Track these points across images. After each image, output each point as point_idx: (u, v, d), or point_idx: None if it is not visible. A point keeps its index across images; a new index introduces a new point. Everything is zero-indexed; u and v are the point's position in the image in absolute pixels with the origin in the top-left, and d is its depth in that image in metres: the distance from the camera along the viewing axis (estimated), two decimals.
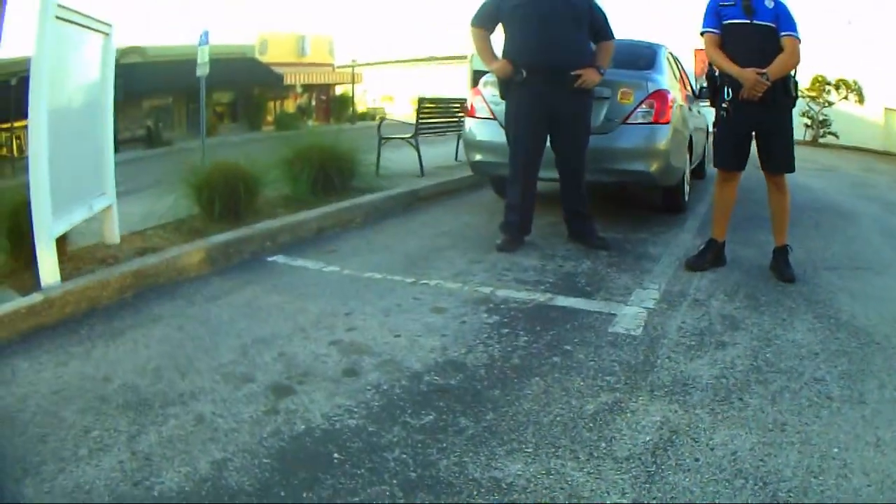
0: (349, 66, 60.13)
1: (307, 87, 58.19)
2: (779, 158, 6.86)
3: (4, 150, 33.00)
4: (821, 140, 40.72)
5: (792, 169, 6.95)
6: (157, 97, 42.63)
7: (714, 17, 6.72)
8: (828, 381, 4.53)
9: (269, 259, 7.43)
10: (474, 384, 4.41)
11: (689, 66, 45.58)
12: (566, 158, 7.75)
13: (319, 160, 10.34)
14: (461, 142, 10.63)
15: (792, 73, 6.62)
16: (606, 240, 7.86)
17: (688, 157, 10.22)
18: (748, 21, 6.50)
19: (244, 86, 49.58)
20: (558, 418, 4.00)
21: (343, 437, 3.70)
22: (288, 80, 52.98)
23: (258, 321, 5.48)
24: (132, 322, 5.48)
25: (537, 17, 7.23)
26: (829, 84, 41.08)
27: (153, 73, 39.99)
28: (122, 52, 38.46)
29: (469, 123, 9.72)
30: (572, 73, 7.29)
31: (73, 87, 6.79)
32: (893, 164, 28.68)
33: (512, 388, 4.36)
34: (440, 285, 6.34)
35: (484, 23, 7.72)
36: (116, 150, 22.53)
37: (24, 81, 21.37)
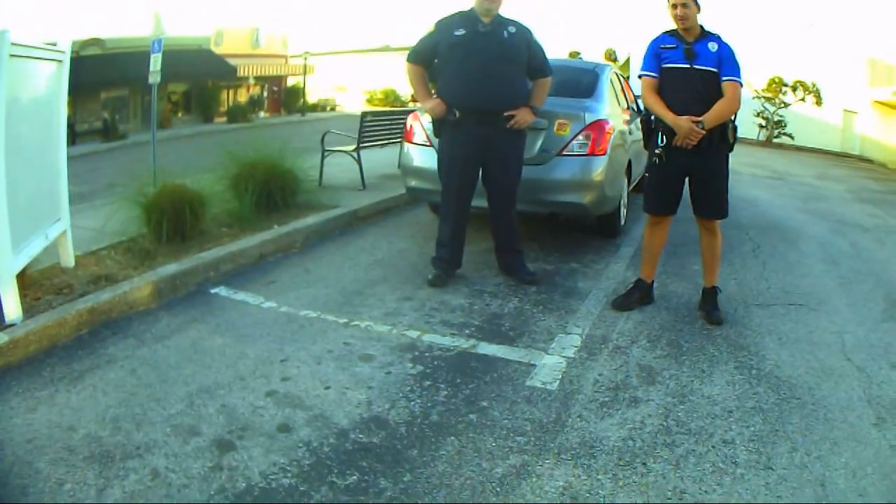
0: (302, 56, 60.00)
1: (260, 79, 58.24)
2: (711, 204, 6.79)
3: None
4: (775, 140, 40.91)
5: (724, 214, 6.87)
6: (115, 89, 42.49)
7: (654, 59, 6.67)
8: (736, 444, 4.59)
9: (213, 291, 7.53)
10: (395, 443, 4.50)
11: None
12: (498, 195, 7.74)
13: (264, 178, 10.51)
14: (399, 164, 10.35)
15: (731, 118, 6.56)
16: (536, 274, 7.90)
17: (625, 182, 10.23)
18: (688, 66, 6.47)
19: (198, 77, 49.62)
20: (468, 481, 4.09)
21: (278, 496, 3.91)
22: (242, 72, 53.37)
23: (202, 367, 5.60)
24: (90, 364, 5.64)
25: (472, 57, 7.26)
26: (786, 85, 41.34)
27: (111, 64, 39.86)
28: (82, 45, 38.32)
29: (406, 148, 9.73)
30: (505, 115, 7.32)
31: (27, 118, 6.89)
32: (849, 169, 28.93)
33: (429, 448, 4.44)
34: (370, 328, 6.39)
35: (420, 59, 7.74)
36: (73, 142, 22.38)
37: None
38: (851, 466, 4.35)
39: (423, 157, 9.07)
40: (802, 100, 41.48)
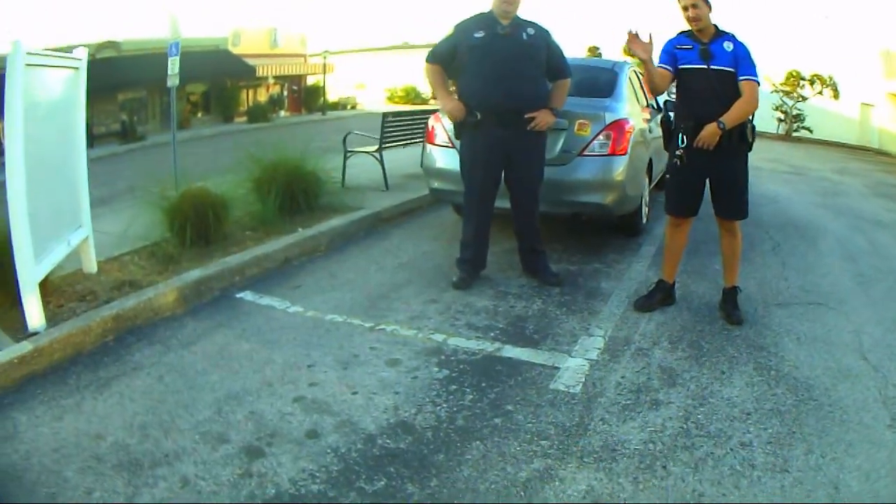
0: (321, 55, 60.03)
1: (280, 78, 58.34)
2: (732, 205, 6.83)
3: None
4: (794, 134, 40.84)
5: (744, 215, 6.91)
6: (132, 90, 42.69)
7: (668, 55, 6.71)
8: (754, 447, 4.67)
9: (238, 296, 7.60)
10: (421, 448, 4.59)
11: None
12: (520, 196, 7.80)
13: (286, 180, 10.54)
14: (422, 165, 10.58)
15: (750, 118, 6.58)
16: (559, 275, 7.95)
17: (647, 180, 10.27)
18: (705, 66, 6.49)
19: (217, 78, 49.79)
20: (493, 486, 4.18)
21: (308, 502, 3.99)
22: (260, 72, 53.58)
23: (230, 373, 5.69)
24: (116, 371, 5.72)
25: (493, 59, 7.30)
26: (803, 79, 41.21)
27: (127, 66, 40.03)
28: (97, 47, 38.52)
29: (429, 149, 9.77)
30: (526, 116, 7.36)
31: (46, 125, 6.93)
32: (867, 163, 28.80)
33: (455, 453, 4.54)
34: (396, 332, 6.46)
35: (439, 60, 7.77)
36: (91, 145, 22.49)
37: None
38: (865, 469, 4.42)
39: (445, 158, 9.13)
40: (820, 93, 41.39)
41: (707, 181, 6.88)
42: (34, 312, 6.21)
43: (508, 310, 7.06)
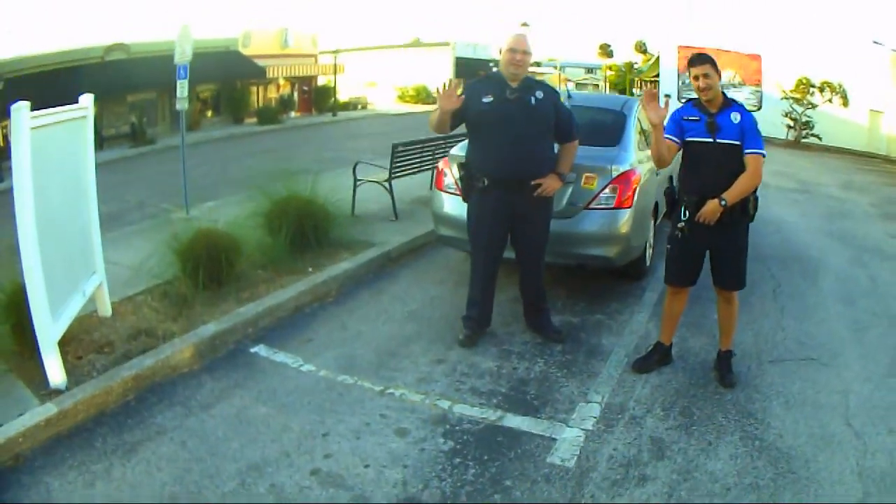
0: (332, 52, 60.01)
1: (290, 79, 58.42)
2: (730, 276, 6.98)
3: None
4: (803, 141, 40.85)
5: (742, 286, 7.04)
6: (141, 92, 42.81)
7: (675, 126, 6.79)
8: None
9: (252, 350, 7.87)
10: None
11: (672, 62, 45.99)
12: (525, 257, 7.93)
13: (296, 216, 10.74)
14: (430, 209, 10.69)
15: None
16: (562, 332, 8.11)
17: (652, 223, 10.47)
18: (711, 140, 6.59)
19: (227, 79, 50.02)
20: None
21: None
22: (271, 73, 53.80)
23: (249, 440, 5.97)
24: (140, 435, 6.03)
25: (501, 126, 7.37)
26: (813, 86, 41.22)
27: (137, 68, 40.21)
28: (106, 49, 38.77)
29: (437, 194, 9.90)
30: (533, 183, 7.45)
31: (55, 179, 7.10)
32: (874, 174, 28.79)
33: None
34: (404, 397, 6.69)
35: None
36: (101, 147, 22.51)
37: (8, 84, 21.46)
38: None
39: (453, 205, 9.18)
40: (829, 101, 41.41)
41: (707, 251, 7.08)
42: (55, 370, 6.48)
43: (511, 372, 7.25)
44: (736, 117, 6.60)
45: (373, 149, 28.55)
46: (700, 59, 6.77)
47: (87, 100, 8.02)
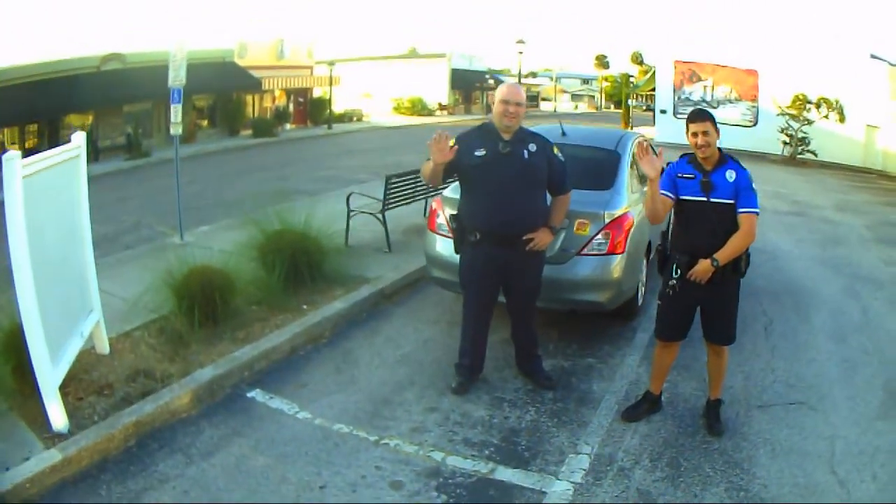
0: (327, 63, 60.08)
1: (286, 90, 58.49)
2: (720, 332, 7.02)
3: None
4: (799, 157, 40.88)
5: (731, 341, 7.09)
6: (137, 103, 42.88)
7: (670, 182, 6.79)
8: None
9: (249, 395, 8.00)
10: None
11: (668, 78, 46.07)
12: (517, 307, 7.97)
13: (290, 252, 10.86)
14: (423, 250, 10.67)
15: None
16: (553, 379, 8.15)
17: (644, 263, 10.52)
18: (705, 199, 6.62)
19: (222, 90, 50.21)
20: None
21: None
22: (266, 85, 53.78)
23: (250, 492, 6.09)
24: (143, 483, 6.17)
25: (493, 181, 7.38)
26: (809, 102, 41.24)
27: (133, 78, 40.27)
28: (102, 59, 38.85)
29: (430, 236, 9.91)
30: (525, 238, 7.46)
31: (50, 223, 7.17)
32: (870, 192, 28.76)
33: None
34: (399, 448, 6.78)
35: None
36: (96, 159, 22.88)
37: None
38: None
39: (446, 247, 9.10)
40: (826, 117, 41.40)
41: (697, 306, 7.15)
42: (57, 414, 6.61)
43: (503, 421, 7.30)
44: (731, 175, 6.61)
45: (367, 167, 28.72)
46: (700, 116, 6.78)
47: (79, 138, 8.10)
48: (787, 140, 42.37)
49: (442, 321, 10.21)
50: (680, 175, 6.80)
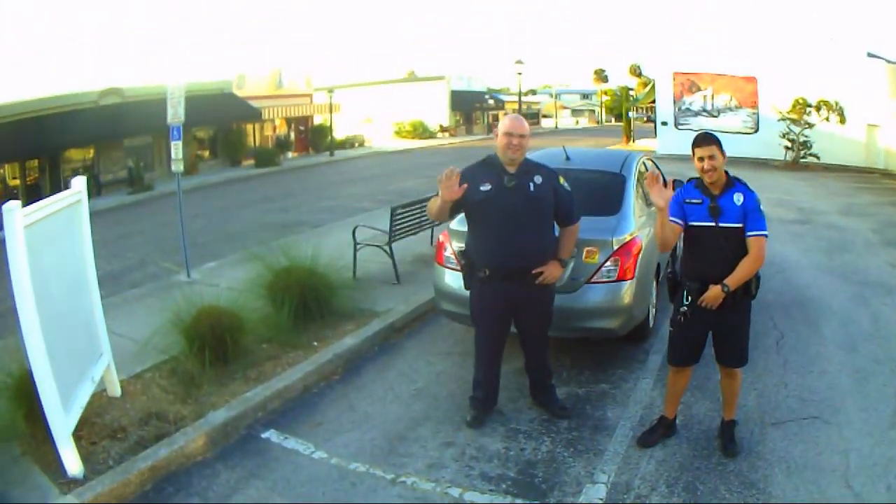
0: (326, 90, 60.26)
1: (286, 119, 58.62)
2: (733, 355, 7.00)
3: None
4: (802, 161, 40.87)
5: (744, 363, 7.07)
6: (137, 137, 43.08)
7: (678, 209, 6.74)
8: None
9: (263, 436, 7.99)
10: None
11: (668, 89, 46.14)
12: (529, 340, 7.96)
13: (299, 289, 10.89)
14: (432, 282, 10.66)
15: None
16: (567, 408, 8.14)
17: (654, 286, 10.50)
18: (713, 224, 6.60)
19: (222, 122, 50.72)
20: None
21: None
22: (266, 115, 54.16)
23: None
24: None
25: (500, 216, 7.33)
26: (810, 106, 41.25)
27: (132, 112, 40.63)
28: (101, 94, 39.09)
29: (438, 270, 9.91)
30: (534, 272, 7.43)
31: (55, 270, 7.22)
32: (874, 193, 28.72)
33: None
34: (416, 485, 6.74)
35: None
36: (98, 193, 23.14)
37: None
38: None
39: (455, 281, 9.13)
40: (826, 119, 41.38)
41: (709, 331, 7.15)
42: (71, 461, 6.65)
43: (519, 453, 7.28)
44: (739, 198, 6.59)
45: (371, 195, 28.75)
46: (706, 140, 6.78)
47: (79, 183, 8.14)
48: (789, 145, 42.38)
49: (454, 353, 10.18)
50: (687, 201, 6.76)
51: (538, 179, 7.50)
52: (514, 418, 8.08)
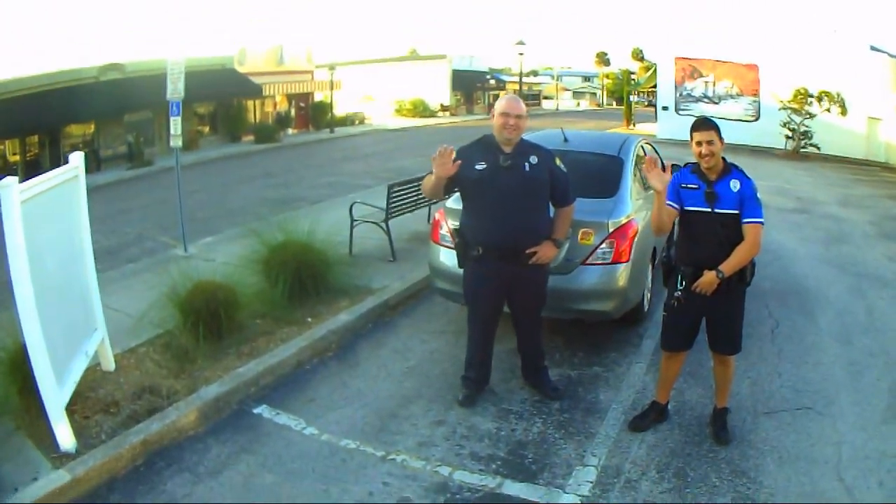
0: (328, 66, 60.11)
1: (287, 96, 58.39)
2: (725, 342, 6.99)
3: None
4: (802, 150, 40.87)
5: (737, 350, 7.07)
6: (138, 112, 42.91)
7: (675, 194, 6.75)
8: None
9: (255, 411, 7.98)
10: None
11: (670, 74, 46.07)
12: (522, 321, 7.97)
13: (294, 266, 10.85)
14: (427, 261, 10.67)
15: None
16: (559, 389, 8.14)
17: (649, 270, 10.49)
18: (709, 210, 6.59)
19: (223, 97, 50.26)
20: None
21: None
22: (267, 91, 53.60)
23: None
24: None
25: (493, 196, 7.33)
26: (811, 96, 41.22)
27: (132, 88, 40.33)
28: (101, 69, 38.92)
29: (434, 248, 9.92)
30: (528, 252, 7.42)
31: (51, 246, 7.19)
32: (873, 185, 28.82)
33: None
34: (406, 463, 6.77)
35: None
36: (98, 168, 23.15)
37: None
38: None
39: (450, 259, 9.03)
40: (828, 110, 41.37)
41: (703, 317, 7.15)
42: (64, 435, 6.64)
43: (510, 434, 7.30)
44: (735, 185, 6.58)
45: (371, 172, 28.73)
46: (705, 125, 6.78)
47: (76, 158, 8.11)
48: (790, 134, 42.35)
49: (448, 331, 10.19)
50: (684, 185, 6.76)
51: (534, 160, 7.49)
52: (505, 398, 8.11)
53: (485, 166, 7.41)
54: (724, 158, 6.83)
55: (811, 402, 8.06)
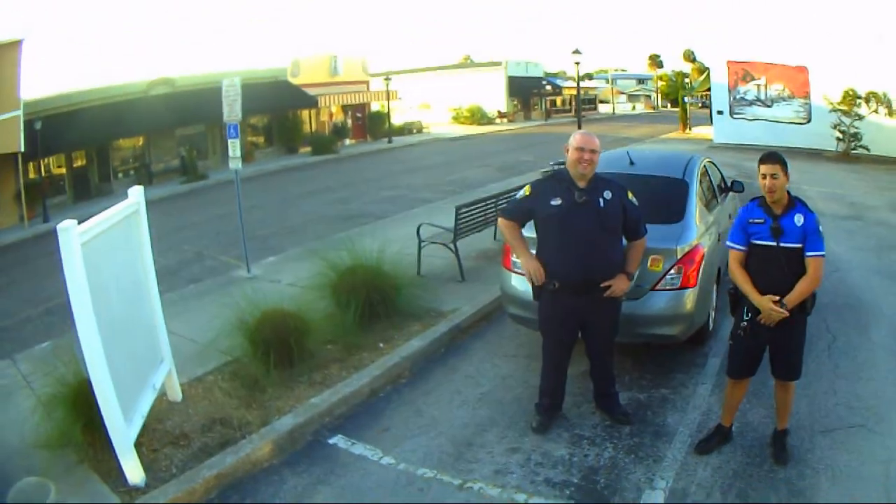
0: (383, 75, 60.30)
1: (342, 106, 58.79)
2: (787, 369, 7.25)
3: None
4: (852, 152, 40.67)
5: (798, 377, 7.31)
6: (190, 126, 43.36)
7: (741, 233, 7.05)
8: None
9: (330, 442, 8.21)
10: None
11: (723, 78, 45.98)
12: (595, 351, 8.18)
13: (364, 290, 11.11)
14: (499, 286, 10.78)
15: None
16: (629, 414, 8.32)
17: (714, 289, 10.71)
18: (774, 244, 6.84)
19: (278, 109, 50.84)
20: None
21: None
22: (322, 102, 54.32)
23: None
24: None
25: (570, 230, 7.55)
26: (859, 97, 41.00)
27: (183, 102, 41.05)
28: (151, 85, 39.56)
29: (505, 274, 10.04)
30: (602, 285, 7.64)
31: (114, 282, 7.39)
32: None
33: None
34: (482, 491, 7.01)
35: (515, 218, 8.08)
36: (150, 182, 23.50)
37: (45, 123, 22.19)
38: None
39: (522, 285, 9.22)
40: (875, 111, 41.15)
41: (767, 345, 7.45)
42: (133, 470, 6.85)
43: (582, 459, 7.53)
44: (799, 219, 6.81)
45: (432, 185, 28.78)
46: (771, 159, 7.06)
47: (136, 192, 8.31)
48: (841, 136, 42.16)
49: (520, 355, 10.37)
50: (751, 220, 7.02)
51: (608, 195, 7.71)
52: (578, 424, 8.31)
53: (560, 202, 7.66)
54: (788, 192, 7.12)
55: (863, 419, 8.09)
